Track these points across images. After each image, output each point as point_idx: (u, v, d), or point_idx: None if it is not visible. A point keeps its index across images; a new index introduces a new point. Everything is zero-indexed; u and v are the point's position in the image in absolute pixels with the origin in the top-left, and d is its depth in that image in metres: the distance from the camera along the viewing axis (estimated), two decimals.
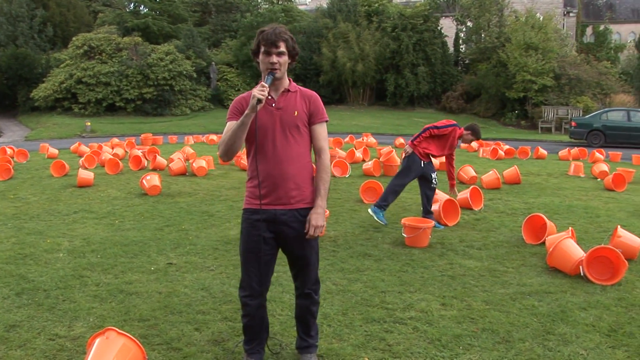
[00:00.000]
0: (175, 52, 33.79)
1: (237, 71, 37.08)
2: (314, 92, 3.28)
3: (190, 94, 34.91)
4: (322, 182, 3.18)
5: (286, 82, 3.19)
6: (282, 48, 3.06)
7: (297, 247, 3.22)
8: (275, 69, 3.06)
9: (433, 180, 7.51)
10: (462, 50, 39.99)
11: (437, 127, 7.35)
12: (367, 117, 32.62)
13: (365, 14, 37.80)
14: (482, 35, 36.66)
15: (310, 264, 3.29)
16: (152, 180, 10.04)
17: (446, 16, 39.80)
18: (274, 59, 3.05)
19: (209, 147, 18.92)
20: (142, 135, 20.84)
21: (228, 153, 3.09)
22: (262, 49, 3.07)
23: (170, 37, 37.69)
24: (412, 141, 7.42)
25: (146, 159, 14.04)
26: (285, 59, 3.09)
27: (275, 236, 3.19)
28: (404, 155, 7.49)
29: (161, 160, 13.46)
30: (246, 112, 2.96)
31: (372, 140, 20.47)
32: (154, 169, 13.06)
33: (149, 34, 36.88)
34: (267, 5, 40.37)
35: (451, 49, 39.13)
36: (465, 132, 7.57)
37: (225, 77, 36.85)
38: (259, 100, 2.91)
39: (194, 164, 12.48)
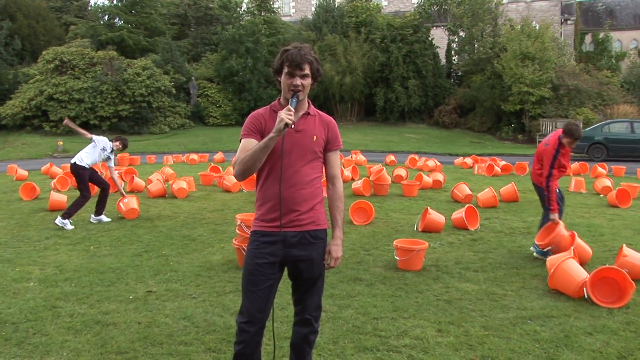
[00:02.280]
0: (152, 67, 33.89)
1: (219, 87, 37.20)
2: (332, 118, 3.39)
3: (169, 111, 34.95)
4: (338, 211, 3.32)
5: (306, 104, 3.28)
6: (307, 70, 3.15)
7: (305, 270, 3.27)
8: (299, 91, 3.14)
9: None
10: (455, 62, 40.42)
11: (553, 150, 6.78)
12: (356, 134, 32.81)
13: (354, 25, 38.17)
14: (475, 45, 37.13)
15: (316, 288, 3.35)
16: (130, 203, 10.01)
17: (437, 26, 40.27)
18: (298, 81, 3.13)
19: (189, 167, 18.92)
20: (118, 155, 20.78)
21: (245, 173, 3.14)
22: (286, 70, 3.15)
23: (148, 51, 37.79)
24: (546, 182, 6.81)
25: (123, 181, 14.00)
26: (308, 81, 3.18)
27: (283, 259, 3.24)
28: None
29: (139, 181, 13.45)
30: (271, 135, 3.01)
31: (361, 158, 20.57)
32: (132, 191, 13.03)
33: (125, 47, 36.98)
34: (249, 17, 40.64)
35: (443, 61, 39.57)
36: (562, 135, 6.86)
37: (205, 93, 36.96)
38: (287, 125, 2.98)
39: (174, 186, 12.46)
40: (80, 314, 5.07)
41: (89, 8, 46.67)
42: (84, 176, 9.39)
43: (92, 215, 9.76)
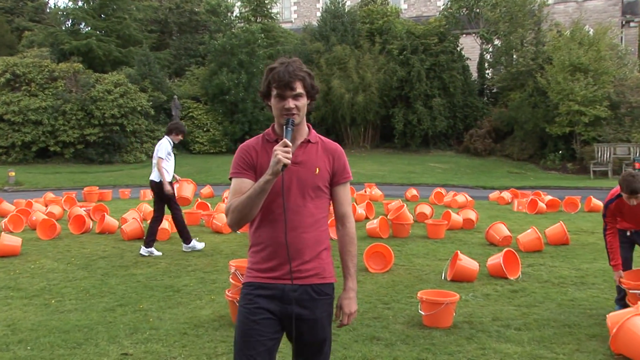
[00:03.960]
0: (126, 83, 34.25)
1: (206, 107, 37.48)
2: (337, 145, 3.41)
3: (147, 135, 35.22)
4: (350, 257, 3.37)
5: (305, 129, 3.32)
6: (299, 89, 3.17)
7: (307, 332, 3.27)
8: (293, 115, 3.16)
9: None
10: (489, 76, 40.63)
11: (606, 200, 7.09)
12: (371, 163, 32.99)
13: (367, 34, 38.49)
14: (514, 56, 37.29)
15: (322, 354, 3.35)
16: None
17: (468, 33, 40.44)
18: (290, 103, 3.16)
19: None
20: (85, 189, 20.94)
21: (241, 222, 3.17)
22: (274, 92, 3.18)
23: (120, 63, 38.18)
24: (603, 234, 7.21)
25: (91, 220, 14.10)
26: (303, 101, 3.21)
27: (281, 318, 3.22)
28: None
29: (111, 220, 13.54)
30: (266, 176, 3.02)
31: (377, 192, 20.66)
32: (102, 233, 13.13)
33: (93, 59, 37.35)
34: (242, 24, 40.97)
35: (474, 75, 39.86)
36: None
37: (191, 114, 37.25)
38: (285, 166, 2.99)
39: None
40: None
41: (48, 10, 46.89)
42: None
43: (143, 247, 10.65)
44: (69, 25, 40.25)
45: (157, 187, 10.67)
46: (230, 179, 3.28)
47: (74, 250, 11.22)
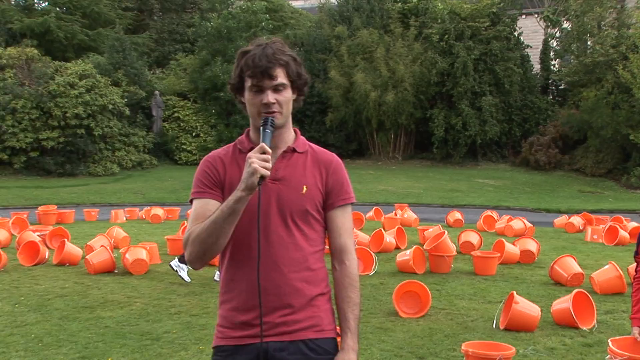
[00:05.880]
0: (95, 75, 34.47)
1: (196, 106, 37.60)
2: (334, 155, 3.31)
3: (120, 141, 35.42)
4: (349, 306, 3.19)
5: (290, 135, 3.23)
6: (281, 78, 3.04)
7: None
8: (274, 113, 3.05)
9: None
10: (556, 69, 40.46)
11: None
12: (403, 178, 32.99)
13: (399, 15, 38.46)
14: (588, 42, 37.18)
15: None
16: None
17: (528, 14, 40.38)
18: (269, 97, 3.03)
19: (151, 228, 19.13)
20: (40, 208, 20.98)
21: (205, 257, 3.06)
22: (248, 83, 3.07)
23: (87, 49, 38.39)
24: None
25: (47, 248, 14.11)
26: (286, 95, 3.08)
27: None
28: None
29: (73, 249, 13.56)
30: (238, 193, 2.91)
31: (410, 215, 20.65)
32: (61, 264, 13.15)
33: (51, 43, 37.55)
34: (242, 2, 41.07)
35: (536, 67, 39.76)
36: None
37: (176, 114, 37.44)
38: (263, 177, 2.88)
39: (127, 256, 12.57)
40: None
41: None
42: None
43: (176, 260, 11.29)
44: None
45: None
46: (191, 201, 3.18)
47: (24, 287, 11.23)
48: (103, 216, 22.16)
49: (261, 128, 3.02)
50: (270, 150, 2.91)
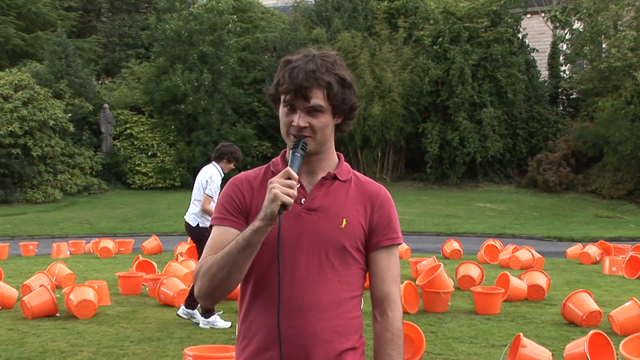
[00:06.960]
0: (33, 85, 34.39)
1: (152, 121, 37.60)
2: (382, 187, 3.30)
3: (64, 162, 35.33)
4: None
5: (331, 160, 3.19)
6: (319, 99, 2.97)
7: None
8: (305, 137, 3.00)
9: None
10: (566, 76, 40.69)
11: None
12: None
13: (386, 15, 38.61)
14: (603, 45, 37.39)
15: None
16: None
17: (534, 13, 40.67)
18: (300, 121, 2.98)
19: (99, 264, 19.04)
20: None
21: (215, 294, 3.02)
22: (282, 98, 3.04)
23: (23, 55, 38.33)
24: None
25: None
26: (323, 120, 3.02)
27: None
28: None
29: (7, 289, 13.48)
30: (256, 223, 2.85)
31: (401, 245, 20.57)
32: None
33: None
34: (205, 1, 40.73)
35: (544, 74, 39.99)
36: None
37: (129, 131, 37.41)
38: (285, 206, 2.82)
39: (71, 297, 12.49)
40: None
41: None
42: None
43: (202, 318, 11.13)
44: None
45: (194, 233, 11.04)
46: (211, 227, 3.13)
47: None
48: (43, 250, 22.04)
49: (291, 150, 2.99)
50: (296, 176, 2.86)
